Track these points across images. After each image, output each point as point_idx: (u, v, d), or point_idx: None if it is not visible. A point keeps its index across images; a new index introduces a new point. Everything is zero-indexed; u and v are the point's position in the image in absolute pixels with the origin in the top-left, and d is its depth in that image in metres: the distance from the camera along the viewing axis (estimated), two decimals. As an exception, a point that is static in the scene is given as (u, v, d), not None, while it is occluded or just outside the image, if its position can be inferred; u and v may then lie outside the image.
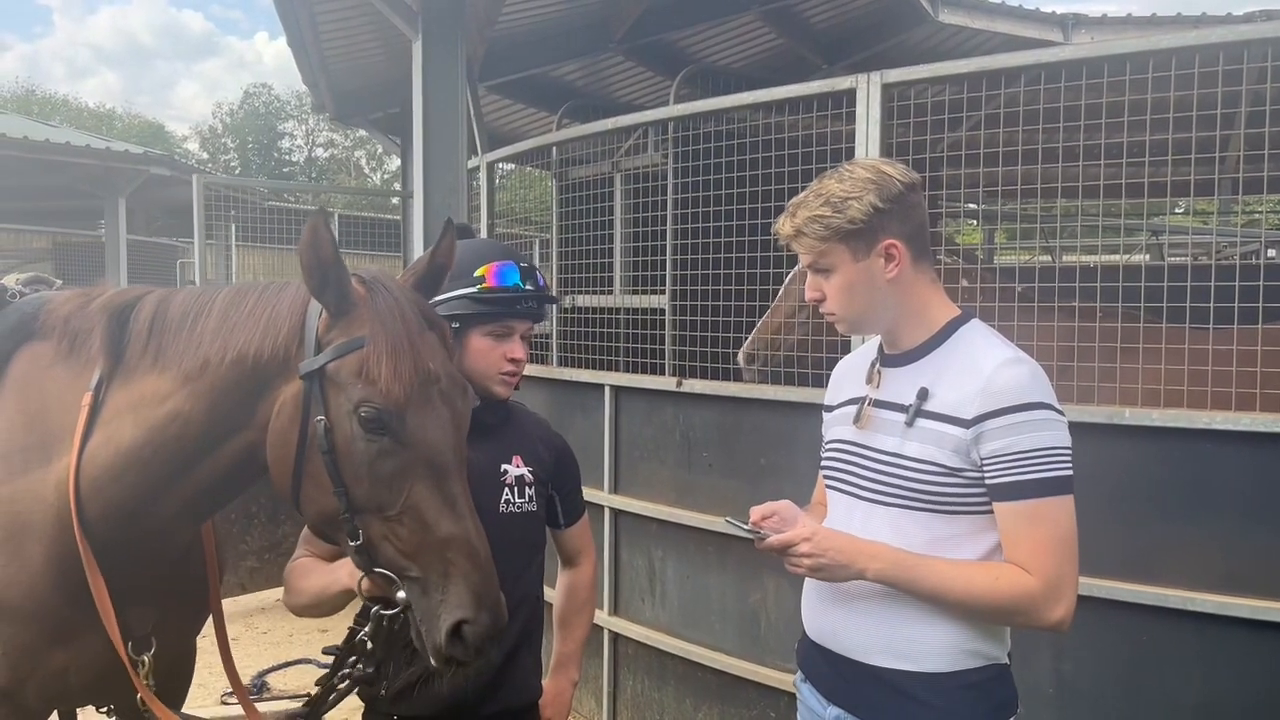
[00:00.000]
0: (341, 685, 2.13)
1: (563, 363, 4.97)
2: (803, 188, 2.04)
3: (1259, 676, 2.84)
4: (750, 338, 4.28)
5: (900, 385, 1.99)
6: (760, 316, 4.29)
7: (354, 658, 2.08)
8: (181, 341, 2.09)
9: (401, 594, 1.88)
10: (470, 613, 1.81)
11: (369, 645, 2.04)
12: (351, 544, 1.90)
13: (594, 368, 4.71)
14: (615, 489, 4.55)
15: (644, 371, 4.49)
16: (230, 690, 4.91)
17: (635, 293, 4.87)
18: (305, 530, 2.25)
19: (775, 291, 4.35)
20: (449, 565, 1.83)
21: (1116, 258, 7.85)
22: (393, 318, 1.90)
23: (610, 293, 5.02)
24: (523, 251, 5.66)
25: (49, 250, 14.71)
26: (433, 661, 1.86)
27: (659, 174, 4.80)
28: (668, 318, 4.56)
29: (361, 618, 2.05)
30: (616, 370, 4.60)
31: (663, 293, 4.59)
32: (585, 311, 5.11)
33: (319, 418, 1.89)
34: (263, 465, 2.03)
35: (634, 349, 4.55)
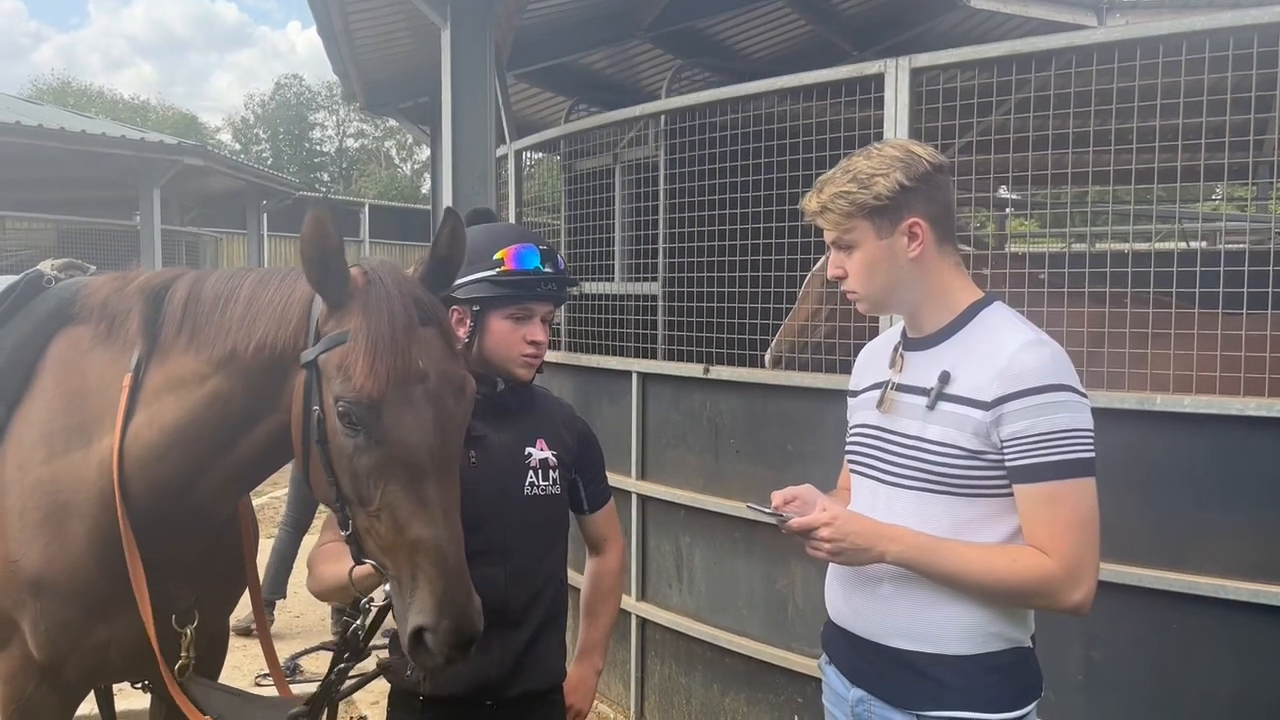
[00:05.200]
0: (350, 681, 2.17)
1: (590, 350, 4.99)
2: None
3: (1291, 665, 2.81)
4: (774, 340, 4.27)
5: (922, 369, 1.99)
6: (790, 304, 4.28)
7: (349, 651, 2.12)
8: (213, 326, 2.13)
9: (386, 586, 1.90)
10: (430, 619, 1.78)
11: (361, 637, 2.09)
12: (343, 533, 1.95)
13: (621, 354, 4.73)
14: (643, 475, 4.57)
15: (671, 358, 4.50)
16: (264, 672, 4.98)
17: (669, 280, 4.87)
18: (329, 515, 2.29)
19: (805, 278, 4.34)
20: (416, 569, 1.81)
21: (1149, 244, 7.74)
22: (379, 312, 1.87)
23: (648, 279, 5.02)
24: (551, 239, 5.67)
25: (90, 239, 14.91)
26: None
27: (702, 159, 4.78)
28: (696, 304, 4.56)
29: (354, 609, 2.09)
30: (644, 357, 4.61)
31: (683, 280, 4.59)
32: (610, 299, 5.11)
33: (315, 407, 1.92)
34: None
35: (664, 335, 4.55)
